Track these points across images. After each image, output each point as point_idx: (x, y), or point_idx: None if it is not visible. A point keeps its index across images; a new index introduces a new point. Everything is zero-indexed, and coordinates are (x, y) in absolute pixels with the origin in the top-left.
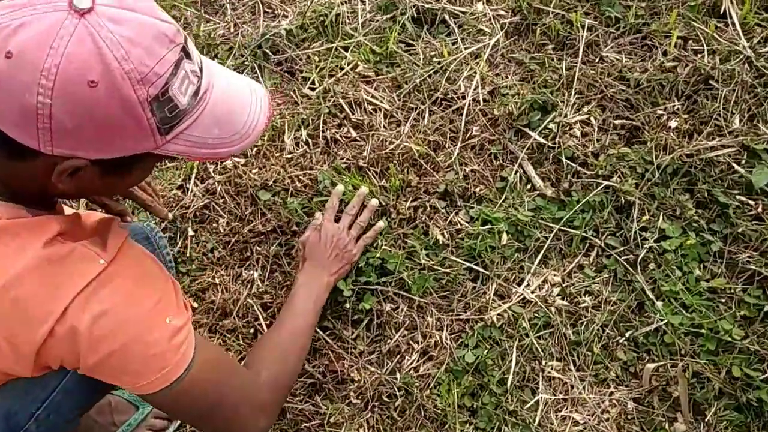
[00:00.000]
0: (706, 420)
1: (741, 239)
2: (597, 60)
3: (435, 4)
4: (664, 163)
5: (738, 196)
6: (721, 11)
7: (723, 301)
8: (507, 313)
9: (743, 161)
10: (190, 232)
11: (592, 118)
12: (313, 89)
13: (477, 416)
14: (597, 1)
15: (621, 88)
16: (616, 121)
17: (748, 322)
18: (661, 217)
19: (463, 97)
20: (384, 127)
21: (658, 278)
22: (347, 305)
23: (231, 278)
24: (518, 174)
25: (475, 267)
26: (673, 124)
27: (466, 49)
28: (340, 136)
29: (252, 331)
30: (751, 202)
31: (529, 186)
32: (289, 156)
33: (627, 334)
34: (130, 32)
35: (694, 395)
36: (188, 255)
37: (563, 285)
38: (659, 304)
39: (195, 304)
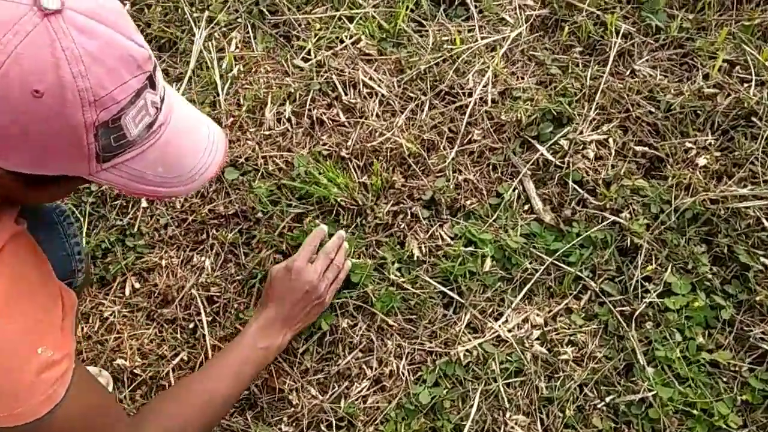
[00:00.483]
0: None
1: (757, 309)
2: (627, 73)
3: None
4: (683, 205)
5: (762, 258)
6: None
7: (724, 379)
8: (477, 350)
9: None
10: (144, 204)
11: (610, 140)
12: (307, 61)
13: None
14: (639, 4)
15: (649, 109)
16: (638, 148)
17: (749, 409)
18: (669, 269)
19: (470, 94)
20: (377, 115)
21: (655, 340)
22: None
23: (180, 262)
24: (516, 191)
25: (449, 292)
26: (701, 161)
27: (482, 39)
28: (328, 118)
29: (192, 326)
30: None
31: (526, 207)
32: (268, 133)
33: (607, 399)
34: (95, 47)
35: None
36: (138, 228)
37: (545, 329)
38: (650, 370)
39: (137, 285)
